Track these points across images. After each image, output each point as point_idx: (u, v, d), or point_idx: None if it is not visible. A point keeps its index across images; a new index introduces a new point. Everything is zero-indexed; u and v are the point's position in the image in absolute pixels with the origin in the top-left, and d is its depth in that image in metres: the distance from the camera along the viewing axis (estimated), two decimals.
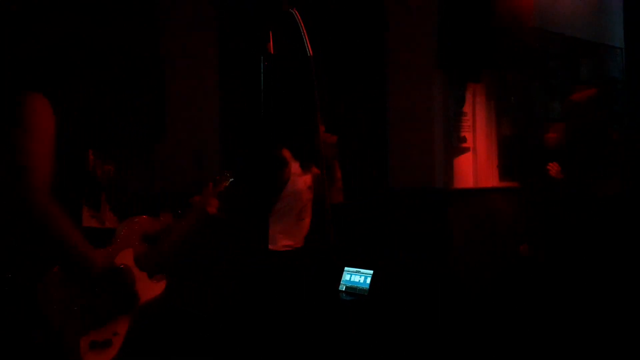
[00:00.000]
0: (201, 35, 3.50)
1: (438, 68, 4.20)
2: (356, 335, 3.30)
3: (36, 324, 1.74)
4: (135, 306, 1.95)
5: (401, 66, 4.37)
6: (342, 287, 3.77)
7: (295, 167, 2.80)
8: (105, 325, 1.86)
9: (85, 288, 1.80)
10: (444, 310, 4.03)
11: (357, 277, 3.76)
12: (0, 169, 1.69)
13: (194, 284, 3.28)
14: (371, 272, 3.72)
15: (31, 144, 1.67)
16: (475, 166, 4.42)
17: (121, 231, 1.99)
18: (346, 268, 3.82)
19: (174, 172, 3.38)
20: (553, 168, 3.82)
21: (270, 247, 2.70)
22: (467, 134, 4.37)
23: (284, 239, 2.82)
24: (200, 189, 2.34)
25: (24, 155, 1.66)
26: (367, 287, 3.68)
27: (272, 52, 1.54)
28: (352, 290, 3.72)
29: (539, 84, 4.98)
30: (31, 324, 1.74)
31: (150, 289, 2.02)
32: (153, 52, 3.34)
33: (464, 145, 4.36)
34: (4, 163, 1.67)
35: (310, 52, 1.57)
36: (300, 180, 2.82)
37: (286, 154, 2.78)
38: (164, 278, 2.09)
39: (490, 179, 4.53)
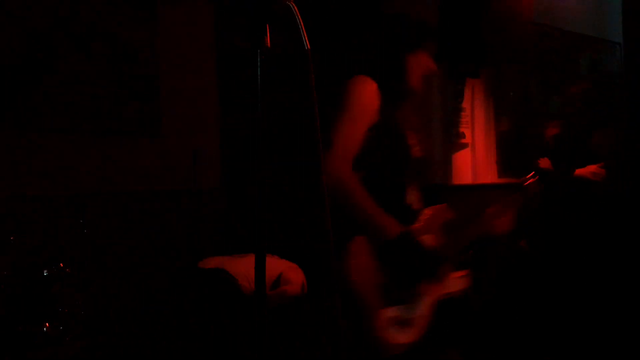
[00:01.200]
0: (198, 28, 3.47)
1: (436, 63, 4.18)
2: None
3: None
4: (437, 290, 1.90)
5: None
6: None
7: None
8: (408, 303, 1.82)
9: (385, 260, 1.80)
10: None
11: None
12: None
13: None
14: None
15: (348, 123, 1.86)
16: (474, 162, 4.40)
17: (425, 215, 1.95)
18: None
19: (170, 169, 3.36)
20: (543, 162, 3.83)
21: None
22: (465, 129, 4.36)
23: None
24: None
25: (341, 132, 1.85)
26: None
27: (269, 45, 1.52)
28: None
29: (537, 79, 4.97)
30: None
31: (452, 282, 1.96)
32: (149, 46, 3.32)
33: (463, 141, 4.34)
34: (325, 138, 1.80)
35: (308, 45, 1.54)
36: None
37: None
38: (468, 274, 2.00)
39: (489, 175, 4.51)
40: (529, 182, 2.30)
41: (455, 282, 1.96)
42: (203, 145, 3.45)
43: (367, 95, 1.90)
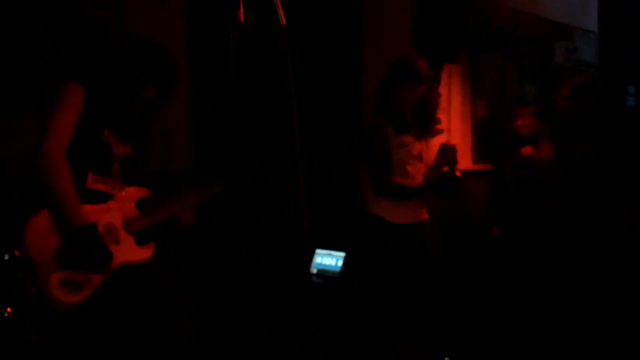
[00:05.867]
0: (169, 3, 3.38)
1: (414, 47, 4.15)
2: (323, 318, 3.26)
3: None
4: (109, 262, 2.09)
5: (377, 45, 4.30)
6: (314, 270, 3.71)
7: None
8: (77, 269, 2.02)
9: (65, 237, 2.01)
10: (415, 293, 4.01)
11: (328, 259, 3.71)
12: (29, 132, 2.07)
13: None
14: (343, 254, 3.67)
15: (59, 114, 2.06)
16: None
17: (117, 195, 2.19)
18: (317, 250, 3.76)
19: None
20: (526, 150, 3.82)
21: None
22: (442, 115, 4.33)
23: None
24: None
25: (53, 122, 2.04)
26: (339, 269, 3.63)
27: (242, 20, 1.45)
28: (324, 273, 3.66)
29: (512, 66, 4.96)
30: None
31: (133, 252, 2.19)
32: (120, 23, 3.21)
33: (439, 126, 4.32)
34: (35, 127, 2.04)
35: (284, 20, 1.48)
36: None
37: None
38: (152, 246, 2.24)
39: (464, 161, 4.51)
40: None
41: (135, 251, 2.20)
42: (173, 125, 3.37)
43: (73, 94, 2.12)
